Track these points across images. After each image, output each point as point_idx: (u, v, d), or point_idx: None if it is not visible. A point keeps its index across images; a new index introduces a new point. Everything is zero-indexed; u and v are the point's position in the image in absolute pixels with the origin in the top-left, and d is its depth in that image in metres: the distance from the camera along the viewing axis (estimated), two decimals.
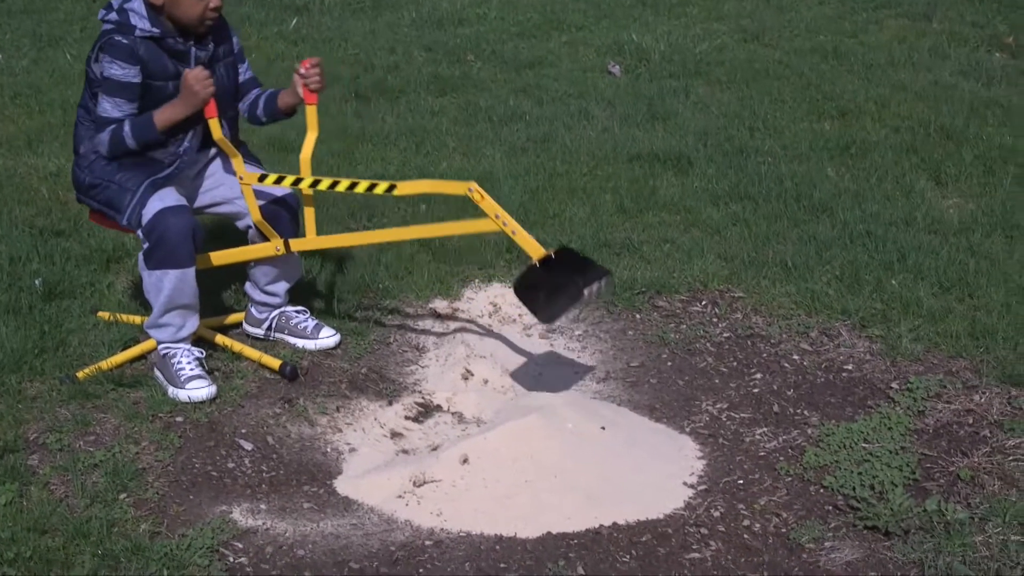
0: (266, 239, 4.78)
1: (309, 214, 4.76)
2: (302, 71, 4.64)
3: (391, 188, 4.52)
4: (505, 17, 9.33)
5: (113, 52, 4.47)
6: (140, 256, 4.58)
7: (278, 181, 4.63)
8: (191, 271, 4.56)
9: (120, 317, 5.06)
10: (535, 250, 4.35)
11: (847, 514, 4.01)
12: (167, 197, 4.54)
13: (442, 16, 9.34)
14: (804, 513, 4.03)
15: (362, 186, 4.55)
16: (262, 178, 4.65)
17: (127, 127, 4.50)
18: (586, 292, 4.31)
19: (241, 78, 4.85)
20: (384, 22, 9.22)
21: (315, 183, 4.61)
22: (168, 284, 4.54)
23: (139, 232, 4.55)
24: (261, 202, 4.76)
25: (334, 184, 4.58)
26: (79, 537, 3.85)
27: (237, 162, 4.64)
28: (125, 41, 4.47)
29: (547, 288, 4.36)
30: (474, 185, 4.34)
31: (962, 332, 4.98)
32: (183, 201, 4.59)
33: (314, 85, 4.63)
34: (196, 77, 4.44)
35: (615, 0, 9.79)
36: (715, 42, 8.69)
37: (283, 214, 4.79)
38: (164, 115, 4.51)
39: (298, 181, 4.63)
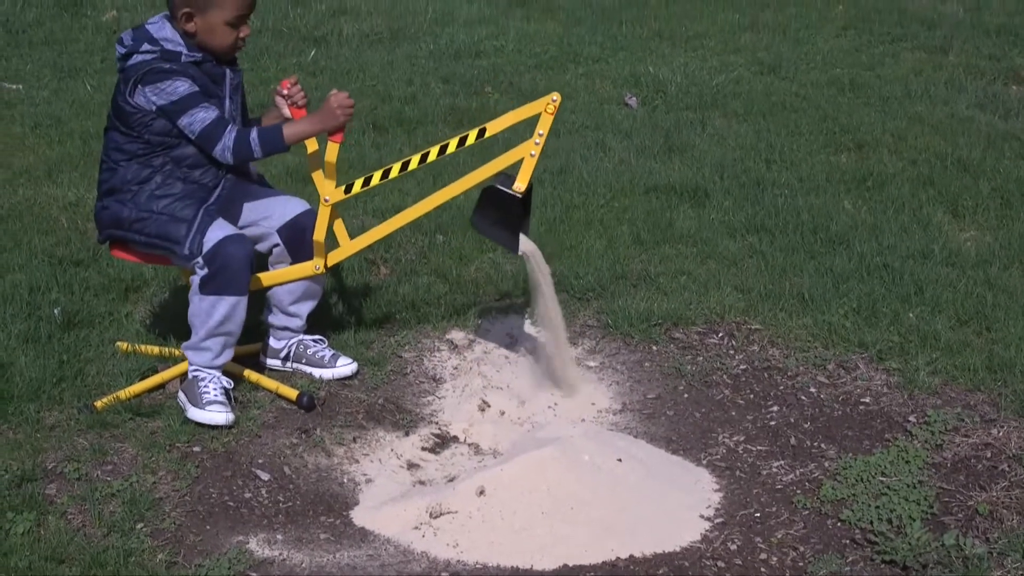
0: (289, 261, 4.83)
1: (339, 225, 4.78)
2: (283, 92, 4.70)
3: (481, 132, 4.65)
4: (522, 49, 9.35)
5: (163, 76, 4.50)
6: (195, 281, 4.59)
7: (365, 184, 4.73)
8: (244, 300, 4.61)
9: (139, 348, 5.07)
10: (524, 180, 4.58)
11: (864, 548, 3.99)
12: (226, 227, 4.59)
13: (460, 48, 9.36)
14: (821, 547, 4.01)
15: (452, 144, 4.65)
16: (348, 189, 4.71)
17: (254, 136, 4.54)
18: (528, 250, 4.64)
19: None
20: (402, 54, 9.25)
21: (405, 164, 4.70)
22: (221, 310, 4.56)
23: (199, 259, 4.56)
24: (290, 217, 4.81)
25: (424, 156, 4.68)
26: (96, 567, 3.86)
27: (330, 186, 4.70)
28: (172, 67, 4.51)
29: (505, 221, 4.60)
30: (558, 96, 4.58)
31: (980, 365, 4.96)
32: (239, 230, 4.63)
33: (299, 102, 4.70)
34: (341, 103, 4.56)
35: (632, 32, 9.81)
36: (732, 74, 8.70)
37: (307, 236, 4.79)
38: (295, 129, 4.59)
39: (387, 173, 4.71)
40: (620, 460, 4.32)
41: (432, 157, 4.65)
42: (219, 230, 4.56)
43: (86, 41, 9.46)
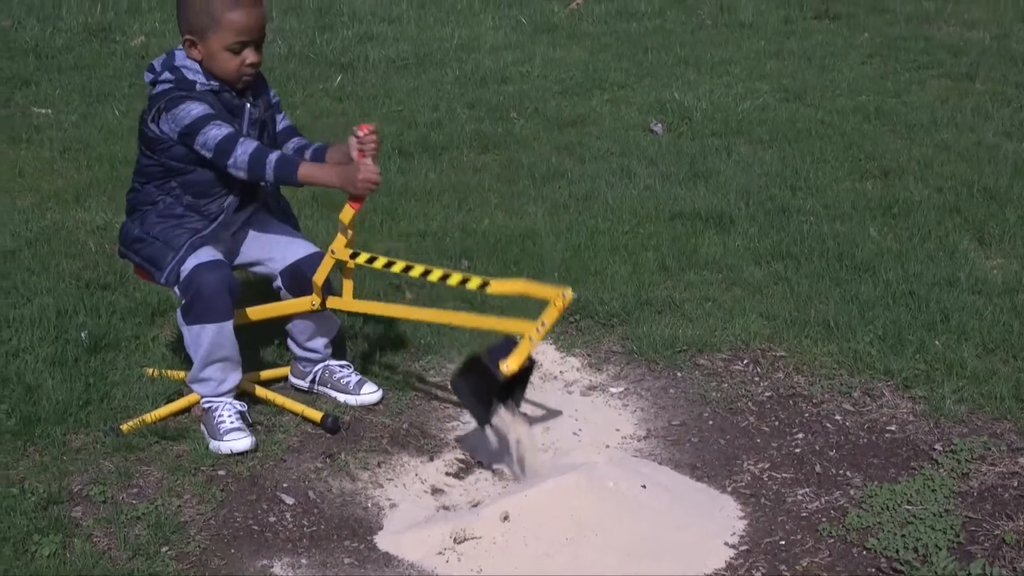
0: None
1: (348, 284, 4.77)
2: (360, 135, 4.55)
3: (484, 285, 4.52)
4: (548, 75, 9.36)
5: (179, 102, 4.50)
6: (179, 312, 4.61)
7: (369, 261, 4.64)
8: (228, 325, 4.59)
9: (166, 373, 5.08)
10: (518, 361, 4.38)
11: None
12: (203, 254, 4.58)
13: (485, 74, 9.38)
14: (846, 575, 3.99)
15: (455, 279, 4.56)
16: (354, 255, 4.65)
17: (272, 159, 4.46)
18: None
19: (279, 127, 4.88)
20: (428, 79, 9.27)
21: (407, 268, 4.61)
22: (206, 339, 4.56)
23: (176, 289, 4.58)
24: (293, 259, 4.80)
25: (426, 272, 4.58)
26: None
27: (340, 240, 4.65)
28: (188, 94, 4.51)
29: (481, 395, 4.47)
30: (569, 292, 4.36)
31: (1007, 394, 4.94)
32: (219, 256, 4.63)
33: (369, 151, 4.55)
34: (368, 177, 4.44)
35: (657, 59, 9.81)
36: (757, 101, 8.70)
37: (306, 281, 4.78)
38: (311, 172, 4.50)
39: (389, 264, 4.62)
40: (644, 486, 4.31)
41: (432, 277, 4.57)
42: (194, 258, 4.56)
43: (115, 66, 9.51)
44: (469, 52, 9.98)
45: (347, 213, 4.58)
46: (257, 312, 4.89)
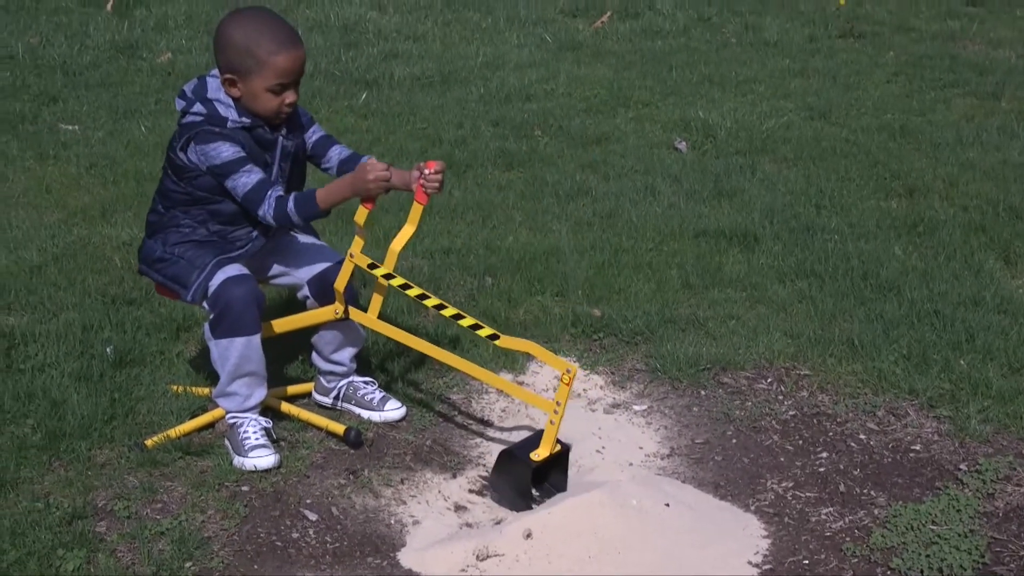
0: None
1: (378, 300, 4.77)
2: (427, 173, 4.50)
3: (494, 337, 4.55)
4: (572, 93, 9.38)
5: (210, 139, 4.51)
6: (206, 327, 4.62)
7: (387, 277, 4.63)
8: (256, 338, 4.60)
9: (191, 390, 5.09)
10: (547, 448, 4.44)
11: None
12: (230, 269, 4.59)
13: (510, 91, 9.40)
14: None
15: (466, 321, 4.56)
16: (372, 266, 4.64)
17: (292, 204, 4.49)
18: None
19: (314, 138, 4.88)
20: (452, 97, 9.29)
21: (422, 296, 4.61)
22: (235, 352, 4.57)
23: (204, 304, 4.60)
24: (320, 268, 4.81)
25: (440, 307, 4.59)
26: None
27: (358, 244, 4.63)
28: (219, 130, 4.52)
29: (517, 486, 4.48)
30: (574, 369, 4.40)
31: None
32: (246, 271, 4.64)
33: (431, 189, 4.52)
34: (377, 175, 4.42)
35: (681, 77, 9.82)
36: (781, 119, 8.70)
37: (347, 290, 4.79)
38: (327, 195, 4.49)
39: (406, 287, 4.61)
40: (668, 505, 4.30)
41: (446, 313, 4.58)
42: (222, 273, 4.58)
43: (141, 83, 9.56)
44: (494, 70, 10.01)
45: (361, 214, 4.55)
46: (282, 324, 4.90)
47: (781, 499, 4.53)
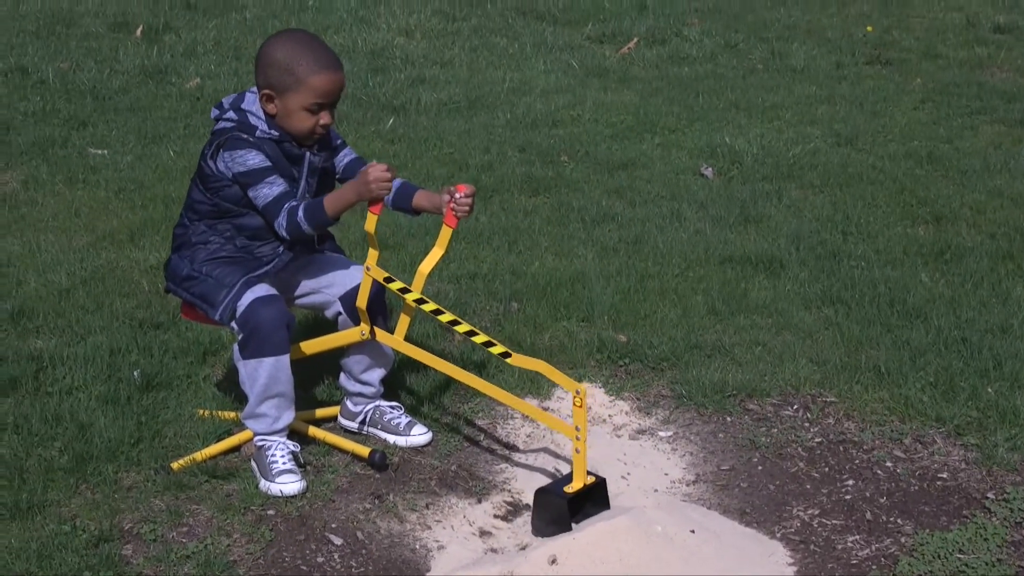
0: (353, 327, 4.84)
1: (404, 321, 4.78)
2: (457, 196, 4.54)
3: (506, 355, 4.57)
4: (599, 119, 9.39)
5: (239, 145, 4.56)
6: (235, 347, 4.64)
7: (403, 292, 4.65)
8: (285, 359, 4.60)
9: (217, 414, 5.11)
10: (580, 478, 4.44)
11: None
12: (259, 289, 4.60)
13: (536, 117, 9.42)
14: None
15: (480, 338, 4.58)
16: (388, 279, 4.66)
17: (301, 213, 4.54)
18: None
19: (346, 160, 4.92)
20: (479, 122, 9.31)
21: (437, 312, 4.62)
22: (264, 372, 4.58)
23: (233, 324, 4.61)
24: (352, 284, 4.81)
25: (454, 322, 4.61)
26: None
27: (373, 255, 4.64)
28: (248, 138, 4.56)
29: (556, 517, 4.43)
30: (583, 390, 4.41)
31: None
32: (274, 291, 4.65)
33: (461, 213, 4.56)
34: (377, 176, 4.45)
35: (708, 103, 9.83)
36: (808, 146, 8.69)
37: (372, 304, 4.80)
38: (334, 202, 4.54)
39: (421, 302, 4.63)
40: (693, 531, 4.30)
41: (460, 329, 4.61)
42: (251, 294, 4.59)
43: (170, 108, 9.61)
44: (520, 96, 10.03)
45: (370, 221, 4.56)
46: (310, 346, 4.91)
47: (807, 526, 4.51)
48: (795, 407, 5.30)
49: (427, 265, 4.65)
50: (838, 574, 4.23)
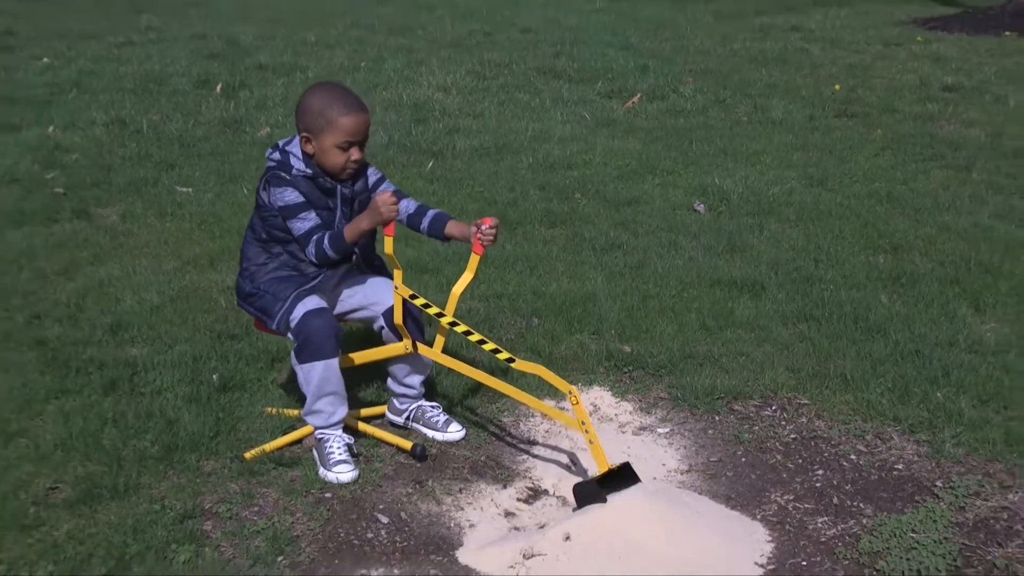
0: (398, 341, 4.84)
1: (441, 338, 4.79)
2: (483, 228, 4.57)
3: (510, 360, 4.58)
4: (607, 163, 9.39)
5: (279, 183, 4.62)
6: (292, 354, 4.66)
7: (425, 307, 4.66)
8: (335, 362, 4.63)
9: (283, 411, 5.13)
10: (603, 463, 4.40)
11: None
12: (310, 303, 4.63)
13: (554, 161, 9.42)
14: None
15: (489, 346, 4.59)
16: (413, 296, 4.67)
17: (326, 241, 4.59)
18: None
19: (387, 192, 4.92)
20: (505, 165, 9.32)
21: (453, 324, 4.63)
22: (316, 375, 4.60)
23: (289, 334, 4.64)
24: (384, 309, 4.82)
25: (468, 332, 4.61)
26: None
27: (398, 275, 4.67)
28: (287, 177, 4.60)
29: (593, 499, 4.34)
30: (575, 390, 4.43)
31: (998, 439, 4.89)
32: (324, 304, 4.68)
33: (486, 242, 4.60)
34: (384, 201, 4.49)
35: (700, 150, 9.82)
36: (785, 186, 8.68)
37: (411, 322, 4.83)
38: (352, 229, 4.60)
39: (440, 315, 4.64)
40: (687, 514, 4.29)
41: (472, 339, 4.61)
42: (302, 307, 4.62)
43: (244, 153, 9.64)
44: (541, 143, 10.04)
45: (387, 244, 4.56)
46: (360, 356, 4.93)
47: (783, 510, 4.51)
48: (774, 408, 5.30)
49: (459, 287, 4.67)
50: (809, 550, 4.22)
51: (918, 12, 16.82)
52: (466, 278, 4.68)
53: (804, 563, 4.14)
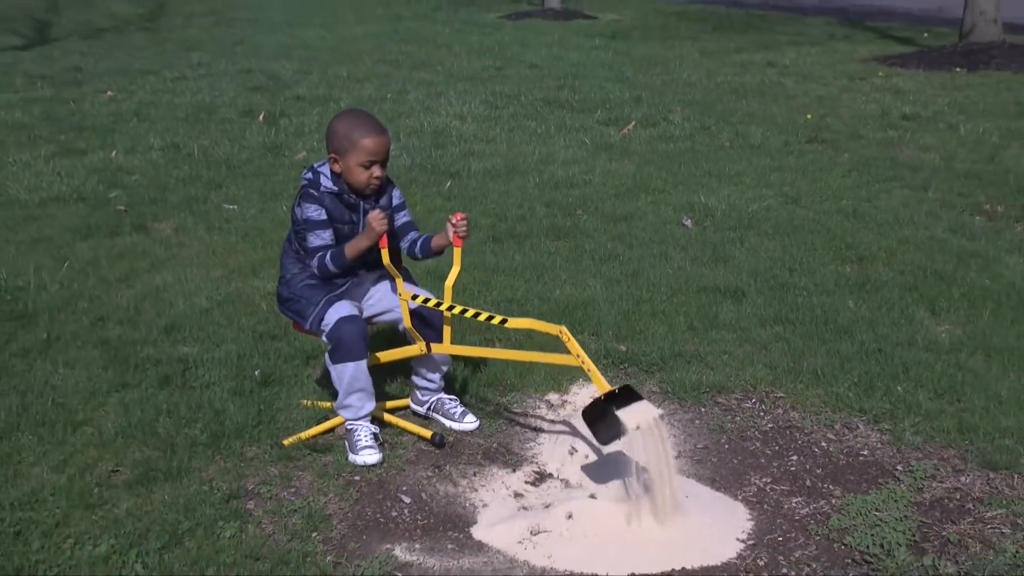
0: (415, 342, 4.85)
1: (447, 330, 4.80)
2: (454, 221, 4.67)
3: (503, 321, 4.58)
4: (606, 183, 9.37)
5: (308, 199, 4.65)
6: (326, 355, 4.66)
7: (425, 301, 4.70)
8: (364, 363, 4.63)
9: (317, 403, 5.13)
10: (602, 386, 4.32)
11: (862, 566, 3.92)
12: (342, 309, 4.64)
13: (558, 181, 9.42)
14: (829, 564, 3.95)
15: (483, 316, 4.58)
16: (414, 297, 4.71)
17: (328, 257, 4.62)
18: (630, 429, 4.14)
19: (400, 222, 4.93)
20: (515, 185, 9.32)
21: (451, 308, 4.66)
22: (347, 374, 4.61)
23: (323, 337, 4.64)
24: (411, 308, 4.82)
25: (464, 311, 4.62)
26: (282, 564, 3.89)
27: (398, 282, 4.71)
28: (315, 193, 4.63)
29: (604, 419, 4.23)
30: (564, 329, 4.38)
31: (952, 428, 4.88)
32: (355, 311, 4.68)
33: (461, 233, 4.67)
34: (375, 217, 4.54)
35: (688, 171, 9.80)
36: (763, 203, 8.66)
37: (428, 326, 4.84)
38: (352, 246, 4.62)
39: (438, 304, 4.68)
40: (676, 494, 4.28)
41: (468, 315, 4.59)
42: (335, 312, 4.63)
43: (283, 174, 9.65)
44: (546, 165, 10.04)
45: (384, 256, 4.62)
46: (385, 356, 4.94)
47: (762, 491, 4.50)
48: (753, 401, 5.28)
49: (450, 280, 4.72)
50: (784, 527, 4.21)
51: (879, 51, 16.79)
52: (454, 271, 4.74)
53: (780, 538, 4.13)
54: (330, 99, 13.12)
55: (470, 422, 5.02)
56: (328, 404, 5.07)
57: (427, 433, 4.84)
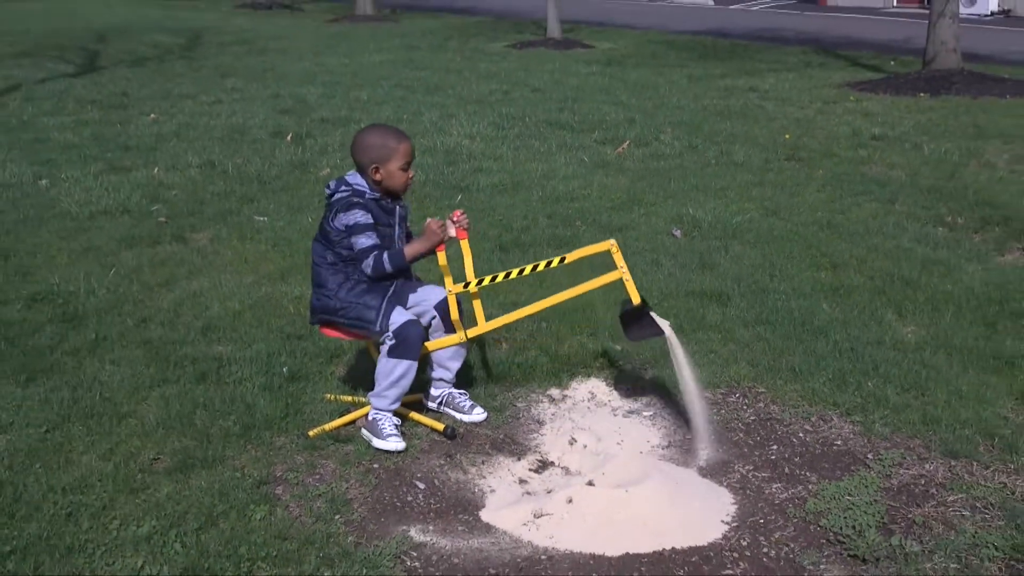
0: (448, 332, 4.86)
1: (477, 306, 4.81)
2: (454, 218, 4.72)
3: (562, 259, 4.69)
4: (602, 196, 9.37)
5: (354, 207, 4.62)
6: (385, 348, 4.65)
7: (479, 283, 4.73)
8: (415, 364, 4.66)
9: (339, 397, 5.12)
10: (636, 297, 4.59)
11: (836, 546, 3.92)
12: (405, 313, 4.67)
13: (559, 195, 9.41)
14: (806, 544, 3.94)
15: (541, 265, 4.69)
16: (466, 285, 4.72)
17: (386, 258, 4.60)
18: (665, 328, 4.61)
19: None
20: (520, 198, 9.32)
21: (507, 274, 4.72)
22: (400, 370, 4.63)
23: (389, 333, 4.62)
24: (436, 303, 4.86)
25: (521, 270, 4.70)
26: (307, 544, 3.89)
27: (448, 280, 4.73)
28: (361, 200, 4.62)
29: (640, 321, 4.64)
30: (614, 243, 4.59)
31: (917, 420, 4.87)
32: (416, 317, 4.70)
33: (464, 225, 4.73)
34: (436, 226, 4.58)
35: (677, 186, 9.79)
36: (746, 216, 8.65)
37: (449, 318, 4.84)
38: (411, 250, 4.63)
39: (494, 278, 4.73)
40: (667, 480, 4.27)
41: (526, 271, 4.65)
42: (401, 315, 4.63)
43: (309, 188, 9.66)
44: (548, 180, 10.03)
45: (441, 258, 4.66)
46: (432, 345, 4.92)
47: (745, 478, 4.49)
48: (737, 395, 5.27)
49: (469, 267, 4.82)
50: (765, 511, 4.20)
51: (851, 77, 16.77)
52: (467, 261, 4.83)
53: (762, 521, 4.12)
54: (351, 120, 13.12)
55: (478, 414, 5.01)
56: (349, 398, 5.07)
57: (440, 426, 4.84)
